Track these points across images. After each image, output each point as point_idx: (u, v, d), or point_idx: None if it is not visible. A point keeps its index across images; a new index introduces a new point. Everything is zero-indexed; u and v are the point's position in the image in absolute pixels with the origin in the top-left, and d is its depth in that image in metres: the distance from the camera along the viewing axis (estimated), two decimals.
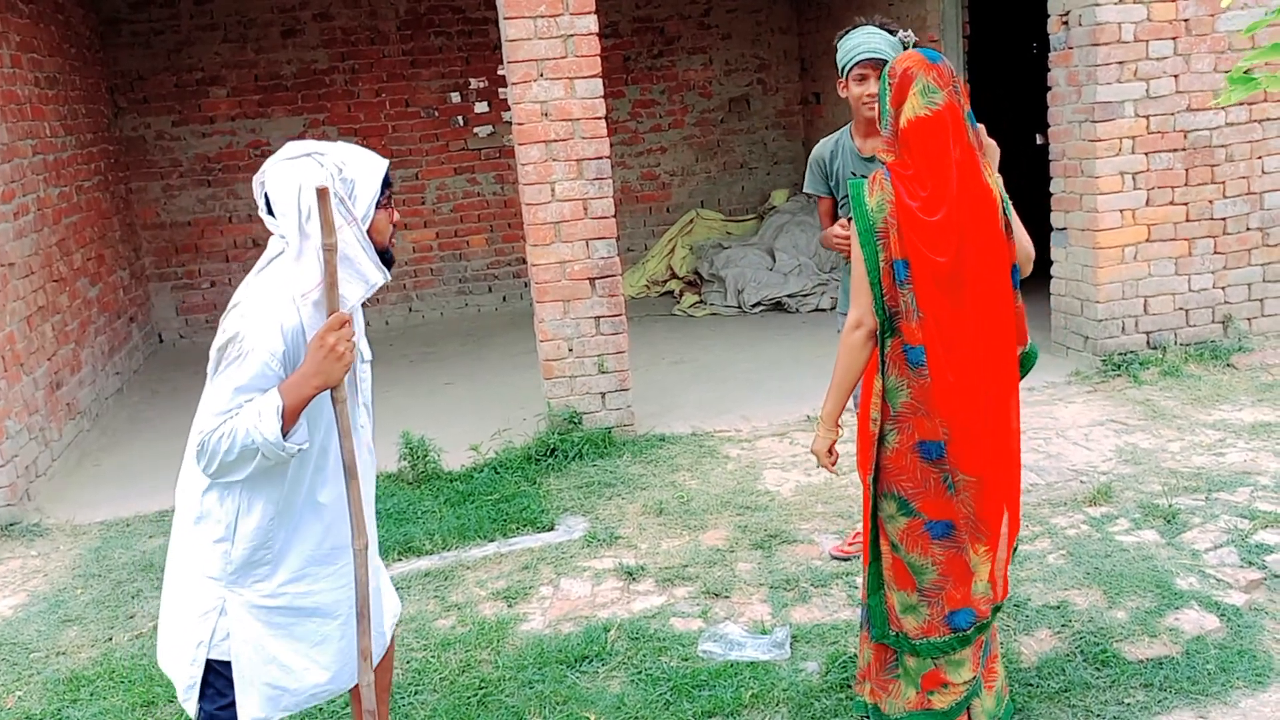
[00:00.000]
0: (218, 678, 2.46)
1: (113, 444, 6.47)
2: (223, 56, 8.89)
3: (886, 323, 2.65)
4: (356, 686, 2.57)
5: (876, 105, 3.47)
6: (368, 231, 2.38)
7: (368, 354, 2.64)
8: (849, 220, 3.70)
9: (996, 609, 2.83)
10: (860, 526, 4.07)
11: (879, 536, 2.78)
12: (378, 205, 2.40)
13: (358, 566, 2.41)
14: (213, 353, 2.32)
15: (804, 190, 4.10)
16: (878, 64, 3.55)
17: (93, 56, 8.15)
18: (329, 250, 2.26)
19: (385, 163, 2.44)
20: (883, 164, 2.68)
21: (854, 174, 3.68)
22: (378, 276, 2.38)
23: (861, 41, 3.61)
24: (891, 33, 3.59)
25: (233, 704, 2.47)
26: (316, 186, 2.22)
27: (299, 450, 2.29)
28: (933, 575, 2.71)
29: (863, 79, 3.63)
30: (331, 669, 2.54)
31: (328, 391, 2.34)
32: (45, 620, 4.21)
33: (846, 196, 3.70)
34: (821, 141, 4.00)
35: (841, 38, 3.72)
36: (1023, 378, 2.85)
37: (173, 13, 8.75)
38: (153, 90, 8.82)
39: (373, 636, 2.51)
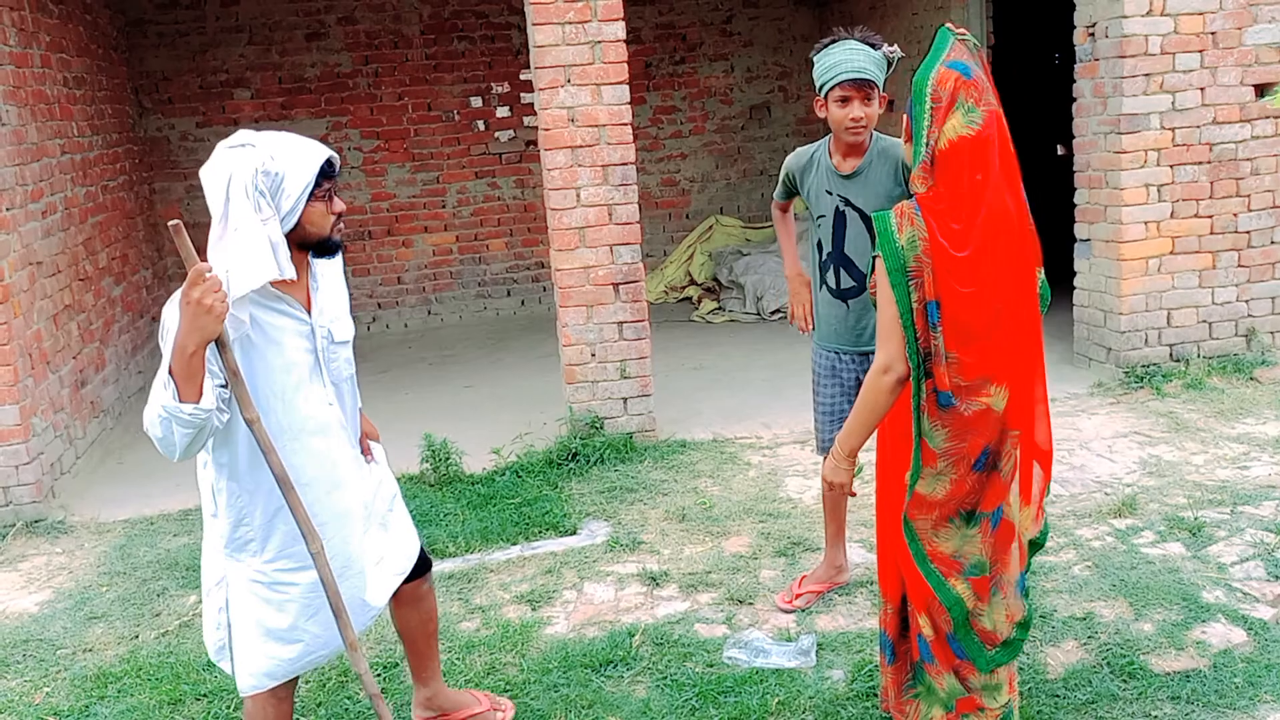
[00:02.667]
0: None
1: (135, 442, 6.50)
2: (247, 59, 8.95)
3: (919, 367, 2.52)
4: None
5: (862, 130, 3.41)
6: (300, 223, 2.45)
7: (340, 335, 2.67)
8: (808, 312, 3.69)
9: (1034, 545, 2.81)
10: (808, 573, 4.02)
11: (945, 580, 2.68)
12: (312, 197, 2.45)
13: (319, 567, 2.50)
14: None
15: (773, 197, 3.91)
16: (861, 85, 3.34)
17: (119, 57, 8.21)
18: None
19: (323, 154, 2.48)
20: (912, 196, 2.53)
21: (829, 191, 3.56)
22: (271, 271, 2.38)
23: (843, 59, 3.35)
24: (874, 47, 3.38)
25: None
26: (170, 223, 2.26)
27: (205, 414, 2.29)
28: (988, 565, 2.66)
29: (845, 101, 3.38)
30: (324, 635, 2.66)
31: (285, 374, 2.51)
32: (71, 617, 4.23)
33: (822, 216, 3.61)
34: (797, 152, 3.73)
35: (819, 52, 3.45)
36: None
37: (198, 15, 8.81)
38: (177, 91, 8.88)
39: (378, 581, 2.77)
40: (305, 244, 2.51)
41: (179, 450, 2.33)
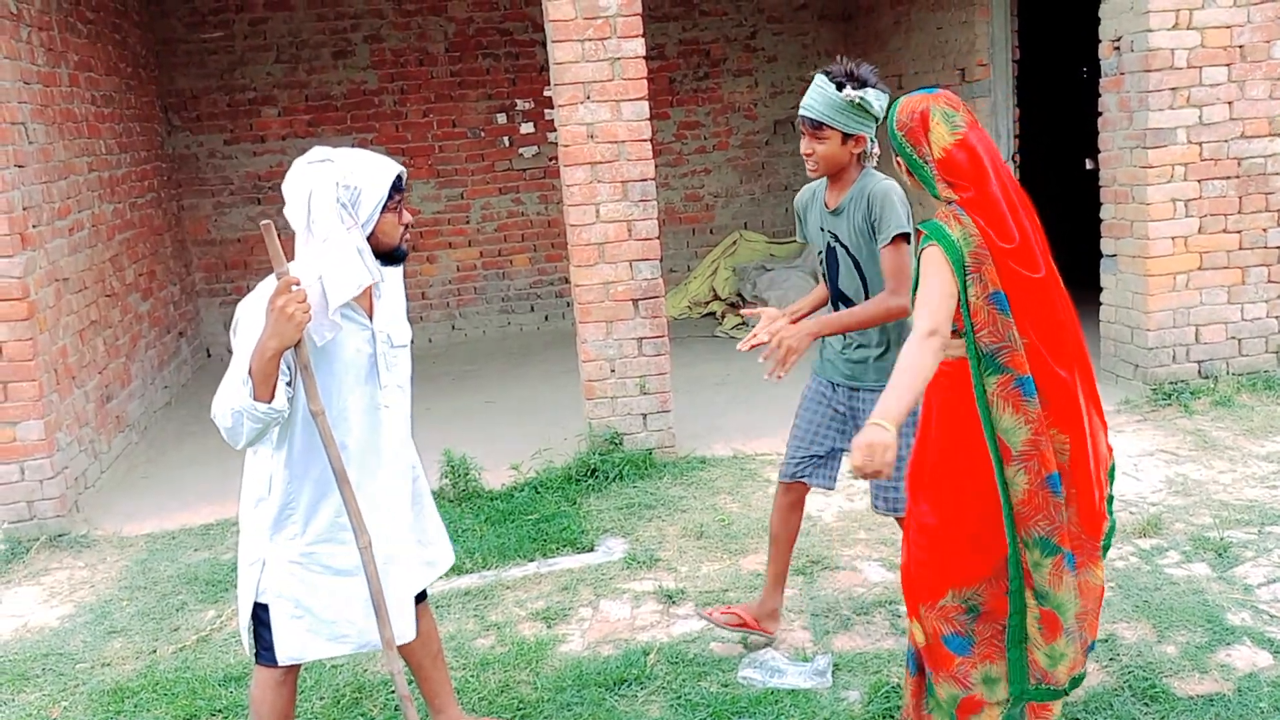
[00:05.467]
0: (262, 625, 2.77)
1: (160, 457, 6.55)
2: (275, 77, 9.03)
3: (987, 361, 2.58)
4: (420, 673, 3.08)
5: (815, 166, 3.37)
6: (373, 233, 2.64)
7: (398, 339, 2.85)
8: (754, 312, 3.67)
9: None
10: (746, 604, 3.83)
11: (1023, 588, 2.68)
12: (385, 209, 2.64)
13: (365, 563, 2.64)
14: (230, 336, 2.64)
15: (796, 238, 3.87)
16: (806, 123, 3.33)
17: (148, 75, 8.31)
18: (280, 277, 2.49)
19: (395, 169, 2.66)
20: (951, 201, 2.62)
21: (821, 228, 3.51)
22: (365, 277, 2.61)
23: (806, 95, 3.36)
24: (840, 86, 3.27)
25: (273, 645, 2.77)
26: (261, 223, 2.47)
27: (276, 414, 2.50)
28: (1076, 608, 2.68)
29: (802, 135, 3.39)
30: (358, 624, 2.79)
31: (342, 376, 2.69)
32: (91, 631, 4.26)
33: (820, 252, 3.57)
34: (805, 188, 3.69)
35: None
36: None
37: (227, 34, 8.91)
38: (206, 109, 8.97)
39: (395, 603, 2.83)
40: (375, 253, 2.69)
41: (244, 440, 2.53)
